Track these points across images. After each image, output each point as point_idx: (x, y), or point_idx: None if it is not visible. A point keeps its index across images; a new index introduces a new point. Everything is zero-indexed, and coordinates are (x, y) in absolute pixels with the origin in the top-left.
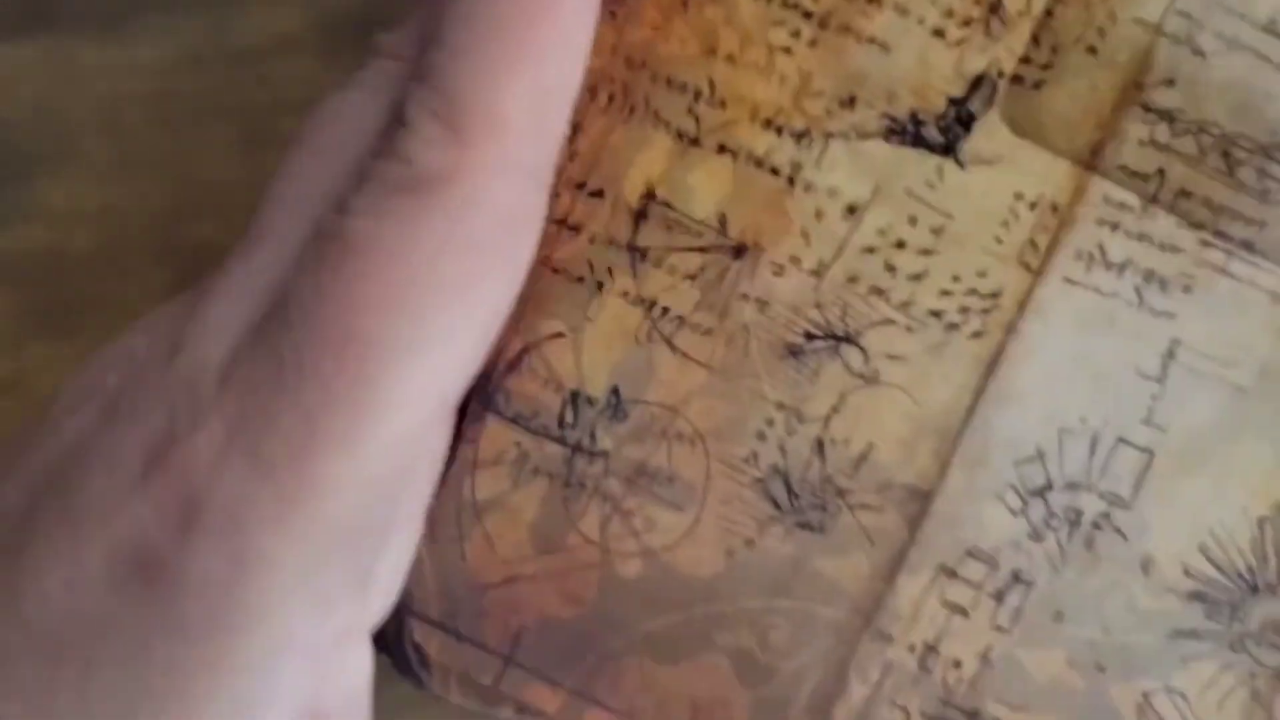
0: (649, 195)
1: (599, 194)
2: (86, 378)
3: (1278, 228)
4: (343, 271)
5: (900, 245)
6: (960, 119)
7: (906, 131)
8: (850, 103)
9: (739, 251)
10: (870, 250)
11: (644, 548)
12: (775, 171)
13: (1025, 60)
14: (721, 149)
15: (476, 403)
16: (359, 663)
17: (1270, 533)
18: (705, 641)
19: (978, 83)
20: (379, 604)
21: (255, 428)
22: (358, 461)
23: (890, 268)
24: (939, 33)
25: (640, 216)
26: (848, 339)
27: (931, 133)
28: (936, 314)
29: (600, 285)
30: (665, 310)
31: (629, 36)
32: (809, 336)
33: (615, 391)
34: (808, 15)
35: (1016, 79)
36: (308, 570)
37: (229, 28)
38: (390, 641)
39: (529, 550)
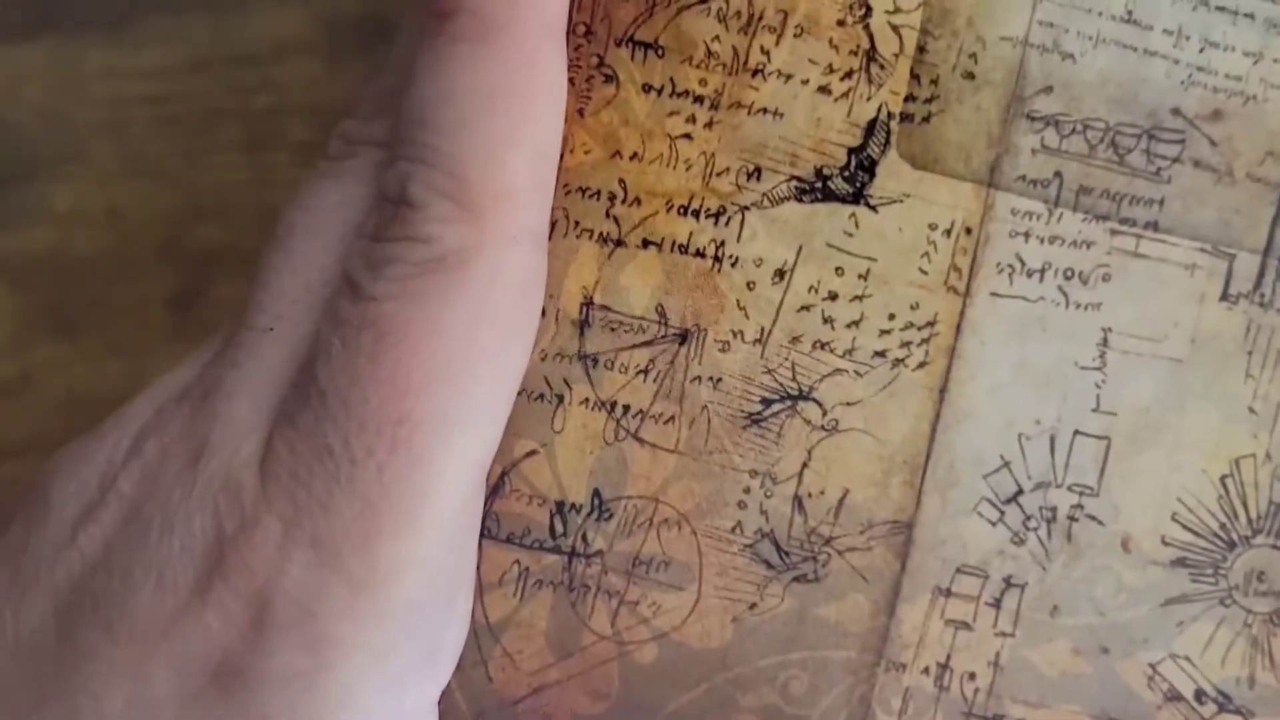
0: (588, 303)
1: (541, 313)
2: (76, 482)
3: (1176, 201)
4: (381, 358)
5: (833, 297)
6: (863, 166)
7: (815, 189)
8: (757, 174)
9: (683, 337)
10: (806, 308)
11: (655, 632)
12: (700, 254)
13: (910, 98)
14: (645, 244)
15: None
16: None
17: (1234, 488)
18: (731, 707)
19: (871, 129)
20: (446, 672)
21: (314, 520)
22: (421, 541)
23: (828, 320)
24: (824, 89)
25: (584, 325)
26: (803, 396)
27: (839, 185)
28: (881, 354)
29: (561, 398)
30: (626, 408)
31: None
32: (766, 402)
33: (596, 494)
34: (699, 100)
35: (906, 117)
36: (383, 653)
37: (233, 31)
38: None
39: (549, 658)
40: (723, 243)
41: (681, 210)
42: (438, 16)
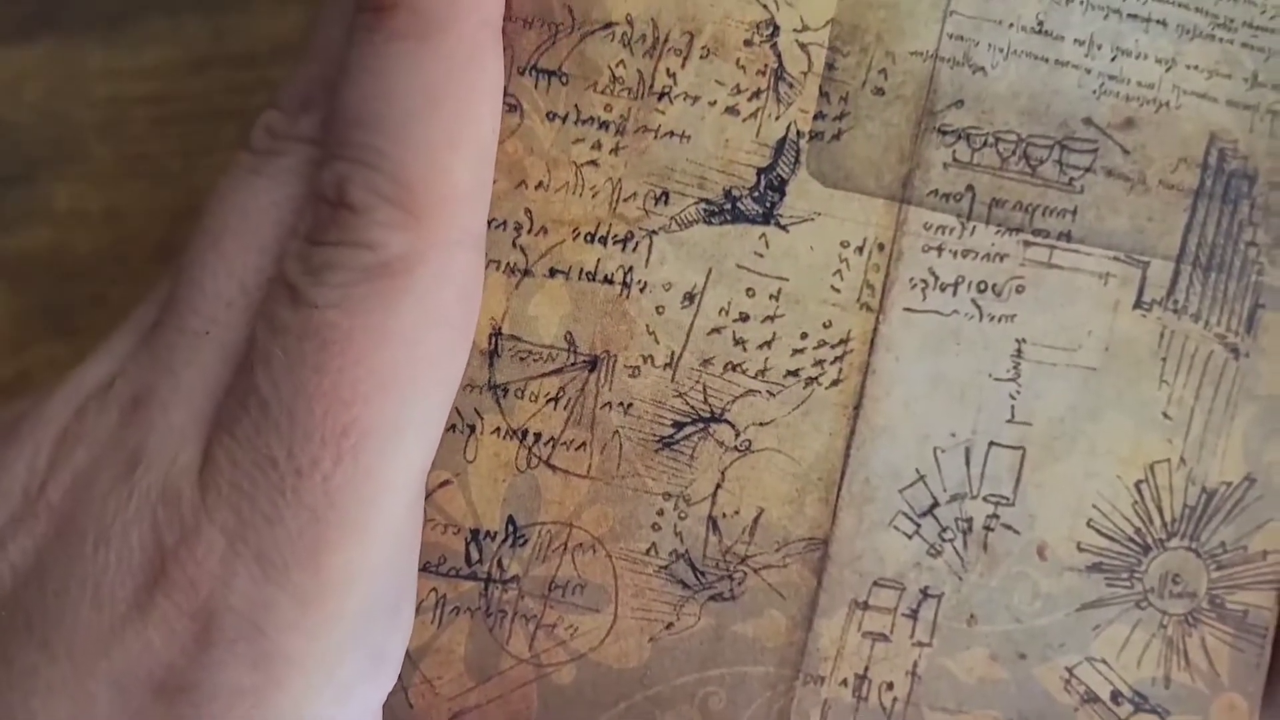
0: (496, 333)
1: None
2: None
3: (1089, 211)
4: (326, 367)
5: (744, 318)
6: (772, 185)
7: (724, 210)
8: (664, 197)
9: (593, 364)
10: (716, 330)
11: (573, 653)
12: (609, 280)
13: (819, 116)
14: (553, 272)
15: None
16: None
17: (1149, 492)
18: None
19: (780, 148)
20: (390, 679)
21: (258, 533)
22: (369, 551)
23: (739, 341)
24: (732, 110)
25: (493, 355)
26: (715, 418)
27: (748, 205)
28: (794, 373)
29: (472, 428)
30: (538, 436)
31: None
32: (677, 425)
33: (510, 520)
34: (604, 126)
35: (816, 135)
36: (332, 665)
37: (231, 31)
38: None
39: (468, 683)
40: (631, 268)
41: (589, 237)
42: (374, 11)
